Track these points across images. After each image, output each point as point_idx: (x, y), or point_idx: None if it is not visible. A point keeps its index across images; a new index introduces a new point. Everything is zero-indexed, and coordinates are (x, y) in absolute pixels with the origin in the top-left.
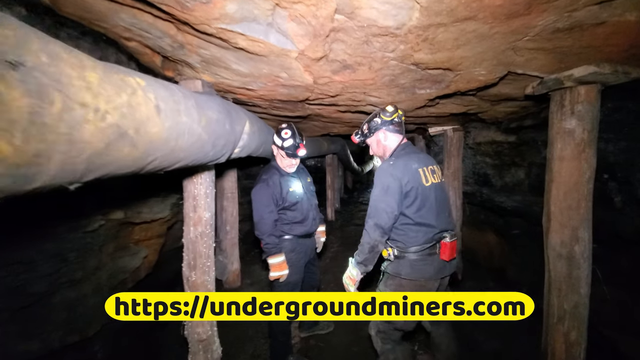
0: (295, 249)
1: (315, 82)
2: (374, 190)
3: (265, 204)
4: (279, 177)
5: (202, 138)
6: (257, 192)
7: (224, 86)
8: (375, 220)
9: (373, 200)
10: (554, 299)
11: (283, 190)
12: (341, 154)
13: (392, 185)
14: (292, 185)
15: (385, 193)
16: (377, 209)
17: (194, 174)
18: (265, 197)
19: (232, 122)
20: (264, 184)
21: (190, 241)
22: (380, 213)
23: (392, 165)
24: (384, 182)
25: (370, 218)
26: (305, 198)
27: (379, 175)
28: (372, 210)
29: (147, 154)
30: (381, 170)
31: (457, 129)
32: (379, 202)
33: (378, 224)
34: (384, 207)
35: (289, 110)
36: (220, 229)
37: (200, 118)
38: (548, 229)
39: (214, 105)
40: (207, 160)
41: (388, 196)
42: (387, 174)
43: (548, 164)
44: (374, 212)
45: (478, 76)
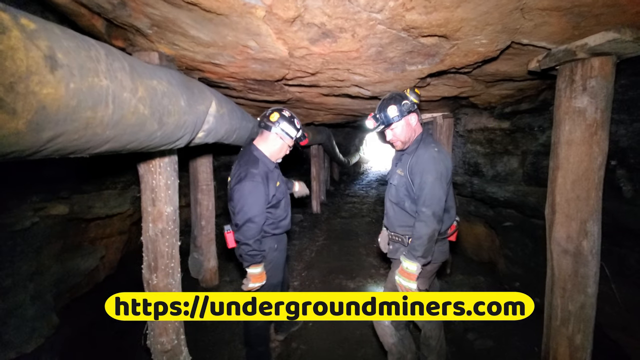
0: (278, 248)
1: (291, 54)
2: (426, 178)
3: (259, 204)
4: (267, 172)
5: (141, 112)
6: (249, 189)
7: (187, 60)
8: (433, 209)
9: (429, 189)
10: (557, 300)
11: (271, 186)
12: (327, 144)
13: (444, 174)
14: (278, 178)
15: (440, 181)
16: (433, 198)
17: (149, 159)
18: (260, 196)
19: (191, 99)
20: (258, 181)
21: (149, 240)
22: (438, 202)
23: (438, 152)
24: (438, 169)
25: (426, 207)
26: (286, 193)
27: (432, 162)
28: (427, 199)
29: (39, 126)
30: (431, 157)
31: (446, 115)
32: (435, 190)
33: (436, 213)
34: (441, 196)
35: (267, 93)
36: (195, 224)
37: (137, 86)
38: (552, 221)
39: (163, 75)
40: (156, 144)
41: (443, 184)
42: (440, 162)
43: (553, 149)
44: (430, 201)
45: (478, 47)
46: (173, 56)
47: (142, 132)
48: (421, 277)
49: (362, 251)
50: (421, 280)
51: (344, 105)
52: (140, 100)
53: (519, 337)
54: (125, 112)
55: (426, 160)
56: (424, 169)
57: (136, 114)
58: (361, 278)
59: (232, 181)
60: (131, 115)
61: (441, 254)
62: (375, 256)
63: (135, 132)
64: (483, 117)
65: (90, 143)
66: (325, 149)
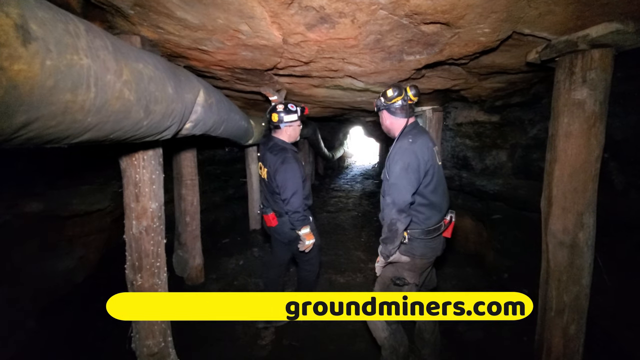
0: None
1: (285, 41)
2: (393, 168)
3: (299, 180)
4: (296, 154)
5: (126, 98)
6: (291, 169)
7: (172, 46)
8: (394, 197)
9: (393, 178)
10: (552, 291)
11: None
12: (312, 138)
13: (412, 163)
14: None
15: (405, 171)
16: (396, 187)
17: (132, 152)
18: (299, 173)
19: (178, 87)
20: (295, 162)
21: (133, 238)
22: (400, 190)
23: (412, 143)
24: (405, 159)
25: (388, 195)
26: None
27: (399, 153)
28: (390, 187)
29: (9, 109)
30: (401, 148)
31: (436, 109)
32: (398, 179)
33: (396, 202)
34: (404, 185)
35: (255, 83)
36: (179, 220)
37: (121, 68)
38: (548, 214)
39: (148, 58)
40: (142, 134)
41: (409, 174)
42: (409, 152)
43: (551, 142)
44: (392, 190)
45: (479, 36)
46: (157, 41)
47: (127, 120)
48: (410, 271)
49: (349, 245)
50: (411, 273)
51: (333, 97)
52: (126, 84)
53: (507, 328)
54: (109, 96)
55: (395, 151)
56: (392, 159)
57: (121, 100)
58: (350, 272)
59: (274, 167)
60: (115, 101)
61: (430, 249)
62: (363, 250)
63: (119, 119)
64: (473, 111)
65: (69, 131)
66: (310, 142)
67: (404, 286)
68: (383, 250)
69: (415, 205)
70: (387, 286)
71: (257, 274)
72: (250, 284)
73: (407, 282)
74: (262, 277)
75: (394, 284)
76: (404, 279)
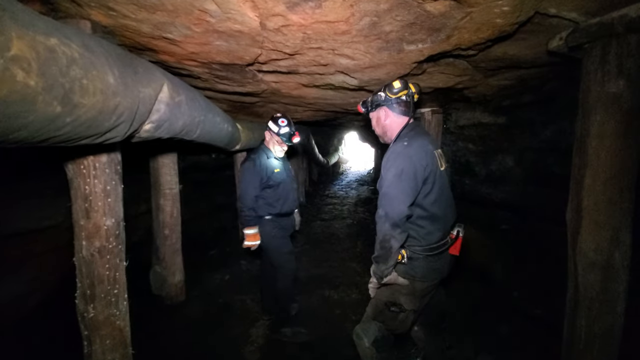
0: (278, 226)
1: (263, 25)
2: (385, 175)
3: (250, 180)
4: (266, 159)
5: (19, 81)
6: (245, 168)
7: (132, 34)
8: (386, 209)
9: (385, 187)
10: (581, 320)
11: (269, 170)
12: (306, 144)
13: (407, 170)
14: (277, 166)
15: (399, 178)
16: (388, 197)
17: (80, 157)
18: (251, 173)
19: (128, 78)
20: (252, 162)
21: (83, 261)
22: (392, 201)
23: (406, 146)
24: (398, 165)
25: (380, 207)
26: (287, 180)
27: (392, 158)
28: (382, 198)
29: None
30: (394, 152)
31: (435, 110)
32: (391, 188)
33: (389, 215)
34: (396, 194)
35: (238, 82)
36: (157, 233)
37: (8, 39)
38: (577, 229)
39: (74, 35)
40: (70, 134)
41: (402, 182)
42: (403, 156)
43: (579, 145)
44: (384, 201)
45: (495, 18)
46: (112, 27)
47: (30, 114)
48: (409, 295)
49: (344, 256)
50: (409, 298)
51: (325, 99)
52: (16, 63)
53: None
54: None
55: (389, 155)
56: (385, 165)
57: (8, 84)
58: (345, 287)
59: None
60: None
61: (433, 271)
62: (358, 261)
63: (15, 113)
64: (477, 112)
65: None
66: (304, 149)
67: (400, 314)
68: (376, 270)
69: (414, 219)
70: (381, 311)
71: (244, 290)
72: (235, 302)
73: (403, 310)
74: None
75: (388, 310)
76: (400, 305)
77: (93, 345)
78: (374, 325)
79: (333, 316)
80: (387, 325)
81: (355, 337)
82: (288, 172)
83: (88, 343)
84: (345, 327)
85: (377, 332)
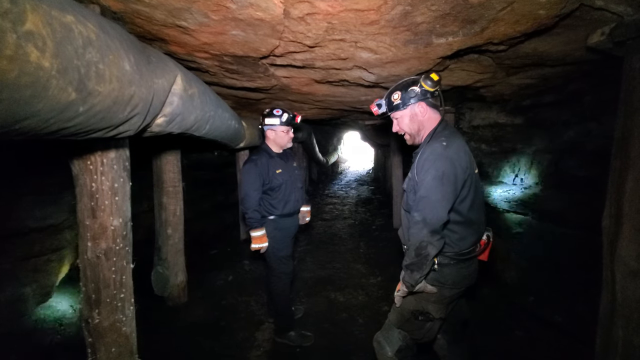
0: (279, 227)
1: (286, 12)
2: (424, 178)
3: (252, 182)
4: (268, 159)
5: (32, 61)
6: (246, 170)
7: (144, 22)
8: (425, 214)
9: (423, 190)
10: (618, 331)
11: (270, 171)
12: (307, 142)
13: (448, 173)
14: (279, 167)
15: (440, 181)
16: (428, 201)
17: (87, 153)
18: (253, 175)
19: (144, 67)
20: (253, 164)
21: (88, 264)
22: (433, 206)
23: (446, 147)
24: (438, 167)
25: (416, 211)
26: (290, 180)
27: (430, 159)
28: (419, 202)
29: None
30: (433, 153)
31: (448, 110)
32: (431, 192)
33: (428, 221)
34: (438, 199)
35: (248, 77)
36: (160, 232)
37: (22, 11)
38: (616, 235)
39: (90, 16)
40: (81, 126)
41: (444, 186)
42: (444, 158)
43: (619, 147)
44: (422, 205)
45: (538, 9)
46: (122, 12)
47: (40, 100)
48: (437, 303)
49: (348, 257)
50: (437, 306)
51: (335, 96)
52: (30, 39)
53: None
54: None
55: (427, 156)
56: (423, 166)
57: (19, 62)
58: (351, 289)
59: None
60: (7, 63)
61: (464, 277)
62: (362, 263)
63: (24, 98)
64: (492, 112)
65: None
66: (304, 147)
67: (427, 322)
68: (407, 279)
69: (452, 224)
70: (407, 320)
71: (248, 291)
72: (239, 304)
73: (431, 318)
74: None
75: (416, 319)
76: (428, 314)
77: (97, 354)
78: (397, 334)
79: (340, 320)
80: (412, 335)
81: (376, 345)
82: (291, 171)
83: (92, 351)
84: (352, 332)
85: (402, 342)
